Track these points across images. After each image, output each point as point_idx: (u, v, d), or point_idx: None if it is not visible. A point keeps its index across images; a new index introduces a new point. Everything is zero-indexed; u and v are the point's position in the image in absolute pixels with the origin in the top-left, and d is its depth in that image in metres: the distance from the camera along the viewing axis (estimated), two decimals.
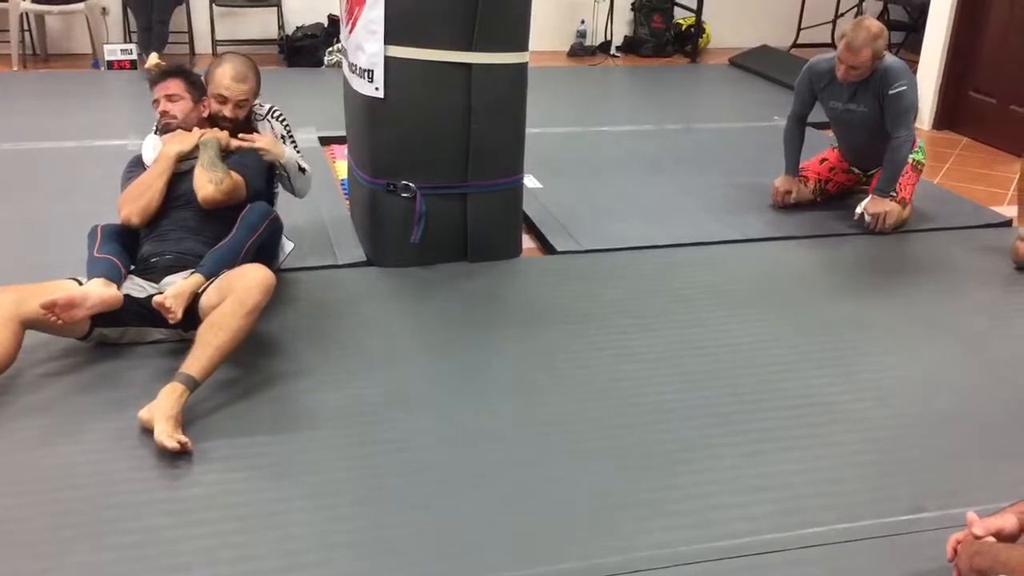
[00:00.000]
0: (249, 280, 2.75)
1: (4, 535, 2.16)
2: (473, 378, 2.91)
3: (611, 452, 2.54)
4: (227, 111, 3.25)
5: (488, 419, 2.68)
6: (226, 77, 3.24)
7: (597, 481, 2.43)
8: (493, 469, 2.46)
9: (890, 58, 4.04)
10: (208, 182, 3.02)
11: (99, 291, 2.75)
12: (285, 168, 3.32)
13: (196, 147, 3.12)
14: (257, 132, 3.37)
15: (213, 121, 3.27)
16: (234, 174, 3.08)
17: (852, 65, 3.94)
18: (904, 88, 3.98)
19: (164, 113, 3.19)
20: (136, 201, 3.04)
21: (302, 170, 3.39)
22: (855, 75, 3.98)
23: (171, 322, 2.76)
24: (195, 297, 2.81)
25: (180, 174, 3.12)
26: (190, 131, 3.17)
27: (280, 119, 3.49)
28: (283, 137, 3.45)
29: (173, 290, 2.78)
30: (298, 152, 3.46)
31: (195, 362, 2.59)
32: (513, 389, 2.85)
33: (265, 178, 3.33)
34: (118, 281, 2.85)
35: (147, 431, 2.48)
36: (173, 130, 3.17)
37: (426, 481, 2.41)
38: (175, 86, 3.20)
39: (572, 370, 2.96)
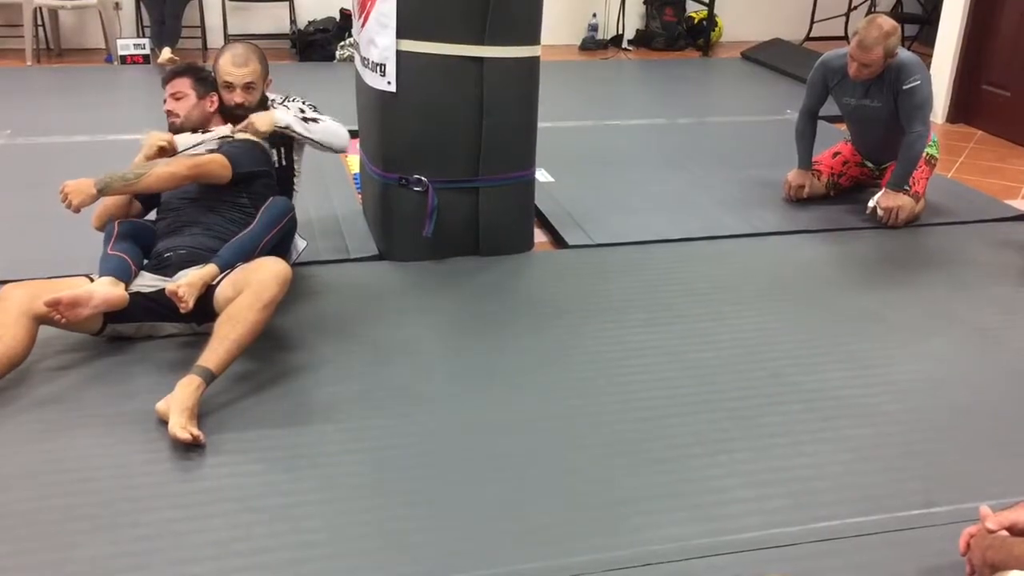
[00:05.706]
0: (265, 273, 2.76)
1: (16, 527, 2.17)
2: (484, 372, 2.91)
3: (622, 445, 2.55)
4: (237, 97, 3.29)
5: (499, 412, 2.69)
6: (227, 64, 3.29)
7: (608, 474, 2.43)
8: (504, 462, 2.47)
9: (904, 53, 4.01)
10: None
11: (104, 291, 2.77)
12: (292, 130, 3.32)
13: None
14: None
15: (226, 113, 3.30)
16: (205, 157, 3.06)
17: (864, 63, 3.92)
18: (918, 83, 3.96)
19: (168, 112, 3.28)
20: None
21: (310, 120, 3.38)
22: (867, 73, 3.96)
23: (182, 311, 2.76)
24: (208, 289, 2.82)
25: None
26: (195, 127, 3.23)
27: (295, 100, 3.53)
28: (301, 110, 3.47)
29: (186, 279, 2.79)
30: (315, 114, 3.46)
31: (212, 355, 2.61)
32: (524, 382, 2.85)
33: (261, 163, 3.25)
34: (128, 279, 2.87)
35: (162, 423, 2.49)
36: (178, 128, 3.24)
37: (437, 474, 2.41)
38: (181, 84, 3.26)
39: (583, 364, 2.96)
